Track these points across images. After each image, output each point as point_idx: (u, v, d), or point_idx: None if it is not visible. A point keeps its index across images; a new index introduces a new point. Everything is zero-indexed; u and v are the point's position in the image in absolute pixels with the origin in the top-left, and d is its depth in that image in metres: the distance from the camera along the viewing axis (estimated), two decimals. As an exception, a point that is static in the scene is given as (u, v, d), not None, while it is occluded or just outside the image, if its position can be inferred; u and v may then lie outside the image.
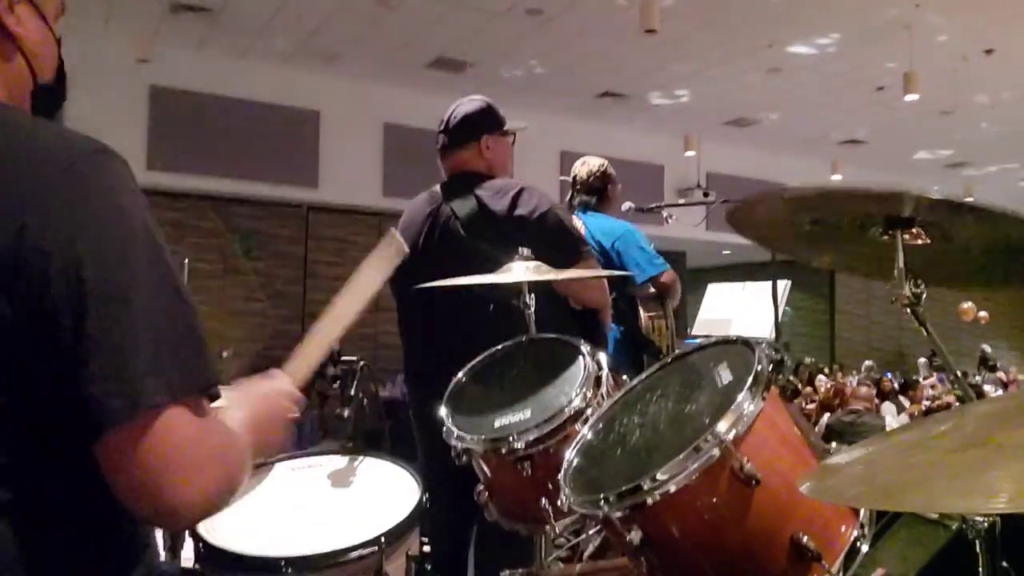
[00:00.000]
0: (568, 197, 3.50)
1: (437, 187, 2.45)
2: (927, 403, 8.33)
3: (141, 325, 0.83)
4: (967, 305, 10.35)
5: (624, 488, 1.05)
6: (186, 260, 3.21)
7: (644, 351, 3.16)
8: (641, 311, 3.22)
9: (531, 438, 1.42)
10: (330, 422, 6.18)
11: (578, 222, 3.37)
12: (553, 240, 2.18)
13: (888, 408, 8.02)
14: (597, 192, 3.42)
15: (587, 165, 3.47)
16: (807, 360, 10.63)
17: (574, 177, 3.47)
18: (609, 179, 3.45)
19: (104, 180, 0.88)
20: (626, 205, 3.61)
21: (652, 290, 3.22)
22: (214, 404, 0.96)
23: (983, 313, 11.82)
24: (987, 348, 12.83)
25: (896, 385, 9.46)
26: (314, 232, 9.05)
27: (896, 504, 0.90)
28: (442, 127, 2.46)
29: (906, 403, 8.27)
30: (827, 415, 6.14)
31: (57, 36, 1.05)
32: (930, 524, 1.64)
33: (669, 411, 1.22)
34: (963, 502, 0.76)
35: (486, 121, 2.44)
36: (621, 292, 3.24)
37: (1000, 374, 11.72)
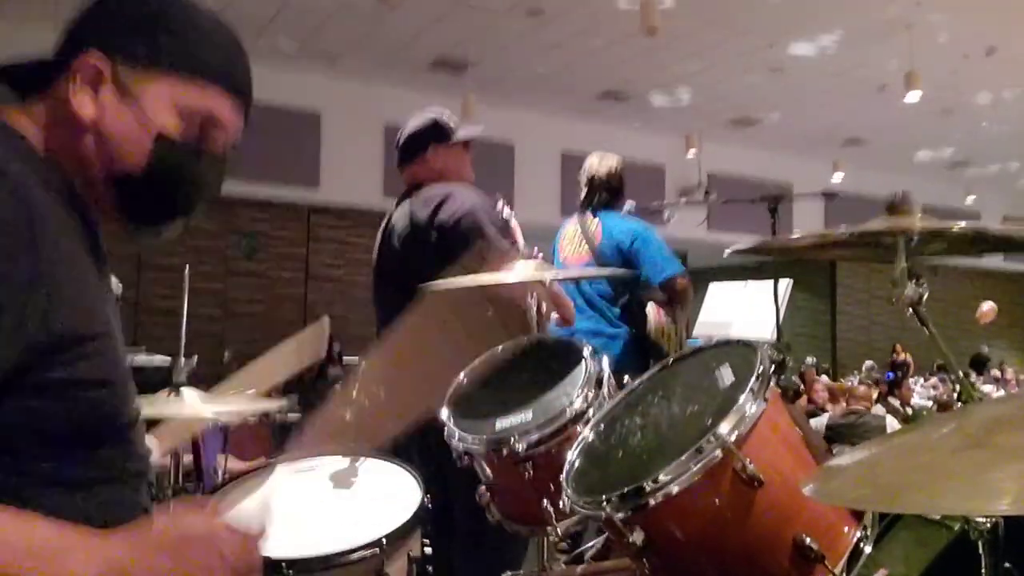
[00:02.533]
0: (583, 195, 3.40)
1: (396, 200, 2.53)
2: (921, 401, 8.30)
3: None
4: (987, 307, 10.12)
5: (626, 489, 1.05)
6: (187, 268, 3.21)
7: (652, 355, 3.14)
8: (653, 314, 3.19)
9: (532, 439, 1.42)
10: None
11: (595, 221, 3.32)
12: (470, 242, 2.19)
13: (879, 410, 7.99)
14: (616, 192, 3.36)
15: (606, 162, 3.36)
16: (808, 360, 10.62)
17: (592, 176, 3.36)
18: (623, 178, 3.42)
19: None
20: (627, 205, 3.60)
21: (663, 295, 3.19)
22: None
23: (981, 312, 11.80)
24: (984, 349, 12.82)
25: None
26: (315, 233, 9.05)
27: (898, 506, 0.91)
28: (395, 144, 2.52)
29: (896, 403, 8.24)
30: (826, 415, 6.13)
31: (160, 132, 0.99)
32: (932, 525, 1.64)
33: (671, 412, 1.22)
34: (966, 504, 0.76)
35: (431, 135, 2.50)
36: (633, 294, 3.22)
37: (995, 371, 11.70)
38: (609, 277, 3.22)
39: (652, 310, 3.19)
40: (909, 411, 7.59)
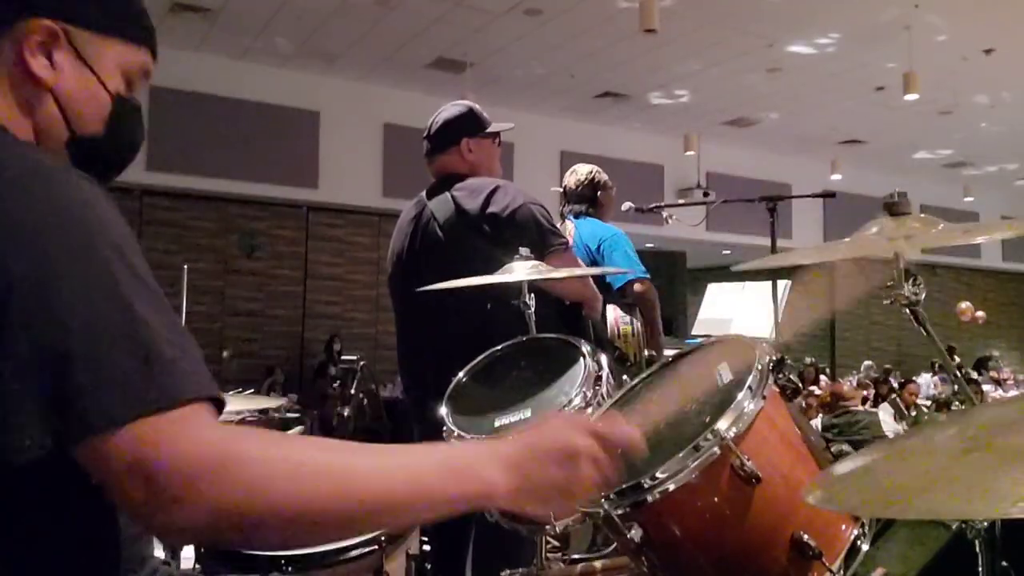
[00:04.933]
0: (561, 206, 3.50)
1: (423, 192, 2.48)
2: (925, 403, 8.29)
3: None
4: (964, 305, 10.34)
5: (624, 486, 1.05)
6: (185, 266, 3.20)
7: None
8: (611, 317, 3.21)
9: (531, 437, 1.42)
10: (330, 422, 6.19)
11: (570, 226, 3.37)
12: (526, 236, 2.17)
13: (887, 409, 7.99)
14: (588, 200, 3.42)
15: (576, 174, 3.48)
16: (808, 360, 10.62)
17: (565, 187, 3.48)
18: (599, 186, 3.44)
19: (48, 194, 0.83)
20: (626, 205, 3.60)
21: (625, 299, 3.21)
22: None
23: (980, 313, 11.81)
24: (995, 353, 12.81)
25: (896, 384, 9.43)
26: (314, 232, 9.05)
27: (901, 512, 0.90)
28: (426, 133, 2.50)
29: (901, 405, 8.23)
30: (821, 415, 6.13)
31: (118, 94, 1.02)
32: (930, 524, 1.64)
33: (670, 410, 1.22)
34: (967, 509, 0.75)
35: (466, 125, 2.45)
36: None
37: (992, 372, 11.70)
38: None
39: (611, 313, 3.20)
40: (913, 413, 7.57)
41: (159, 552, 1.35)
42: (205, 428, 0.78)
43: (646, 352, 3.23)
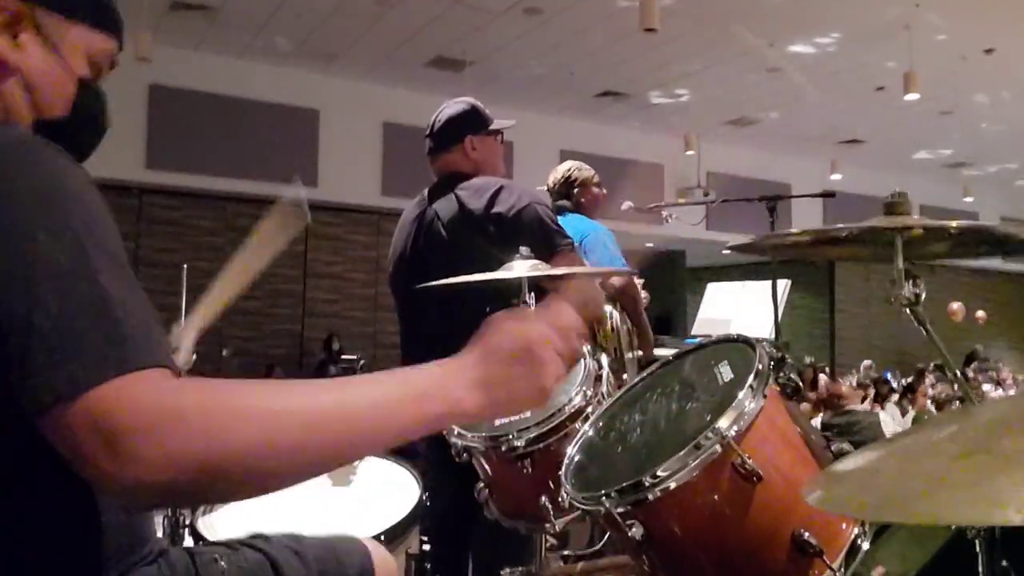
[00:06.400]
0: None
1: (426, 190, 2.47)
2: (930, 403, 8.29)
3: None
4: (956, 306, 10.36)
5: (625, 484, 1.05)
6: (184, 265, 3.18)
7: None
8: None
9: (531, 436, 1.42)
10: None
11: None
12: (531, 236, 2.15)
13: (891, 410, 7.99)
14: (564, 197, 3.40)
15: (555, 172, 3.47)
16: (807, 360, 10.63)
17: (547, 186, 3.48)
18: (575, 184, 3.40)
19: (20, 165, 0.82)
20: (626, 205, 3.59)
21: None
22: None
23: (980, 313, 11.83)
24: (979, 348, 12.83)
25: (899, 385, 9.41)
26: (313, 231, 9.03)
27: (902, 516, 0.89)
28: (428, 131, 2.47)
29: (909, 407, 8.22)
30: (820, 416, 6.13)
31: (82, 78, 1.01)
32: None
33: (671, 409, 1.22)
34: (969, 513, 0.74)
35: (469, 122, 2.43)
36: None
37: (991, 372, 11.70)
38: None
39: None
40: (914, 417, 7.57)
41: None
42: (163, 383, 0.78)
43: (639, 353, 3.20)
